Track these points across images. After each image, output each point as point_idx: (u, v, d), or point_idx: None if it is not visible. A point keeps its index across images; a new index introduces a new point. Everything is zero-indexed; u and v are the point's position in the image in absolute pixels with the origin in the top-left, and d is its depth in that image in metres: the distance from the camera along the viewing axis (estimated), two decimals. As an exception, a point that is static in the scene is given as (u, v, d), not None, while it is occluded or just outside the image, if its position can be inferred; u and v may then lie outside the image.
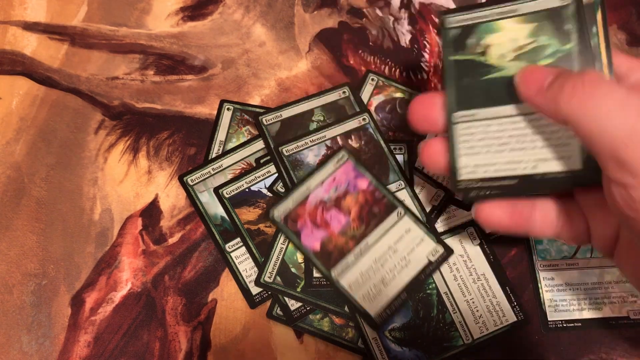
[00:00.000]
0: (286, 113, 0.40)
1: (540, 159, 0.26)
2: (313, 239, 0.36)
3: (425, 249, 0.36)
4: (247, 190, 0.38)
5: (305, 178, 0.37)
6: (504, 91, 0.27)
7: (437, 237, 0.36)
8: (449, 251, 0.36)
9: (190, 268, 0.37)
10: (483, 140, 0.28)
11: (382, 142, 0.39)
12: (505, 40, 0.28)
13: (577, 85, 0.22)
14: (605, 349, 0.35)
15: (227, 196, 0.38)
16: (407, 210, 0.36)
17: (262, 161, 0.39)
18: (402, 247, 0.36)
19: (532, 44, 0.27)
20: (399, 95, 0.41)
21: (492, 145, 0.28)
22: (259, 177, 0.38)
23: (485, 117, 0.28)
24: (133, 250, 0.38)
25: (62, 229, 0.38)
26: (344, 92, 0.40)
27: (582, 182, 0.26)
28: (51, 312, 0.36)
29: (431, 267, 0.35)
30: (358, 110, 0.40)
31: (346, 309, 0.35)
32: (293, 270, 0.36)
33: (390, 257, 0.35)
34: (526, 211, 0.27)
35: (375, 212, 0.36)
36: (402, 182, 0.38)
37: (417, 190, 0.38)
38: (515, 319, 0.35)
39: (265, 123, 0.39)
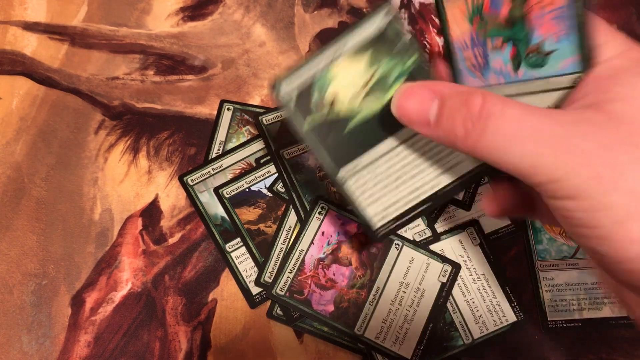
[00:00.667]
0: (286, 113, 0.40)
1: (438, 174, 0.26)
2: (325, 302, 0.35)
3: (434, 272, 0.35)
4: (247, 190, 0.38)
5: (294, 243, 0.36)
6: (374, 130, 0.26)
7: (441, 257, 0.36)
8: (457, 266, 0.36)
9: (191, 268, 0.37)
10: (378, 183, 0.27)
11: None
12: (347, 84, 0.25)
13: (467, 123, 0.20)
14: (605, 349, 0.35)
15: (227, 196, 0.38)
16: (403, 238, 0.36)
17: (262, 161, 0.39)
18: (412, 278, 0.35)
19: (377, 74, 0.25)
20: (399, 95, 0.41)
21: (389, 183, 0.27)
22: (259, 177, 0.38)
23: (368, 162, 0.27)
24: (133, 250, 0.38)
25: (62, 229, 0.38)
26: (344, 92, 0.40)
27: (486, 174, 0.26)
28: (51, 312, 0.36)
29: (446, 288, 0.35)
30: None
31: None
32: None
33: (404, 293, 0.35)
34: (519, 190, 0.27)
35: (374, 252, 0.36)
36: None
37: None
38: (515, 319, 0.35)
39: (265, 123, 0.39)
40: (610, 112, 0.19)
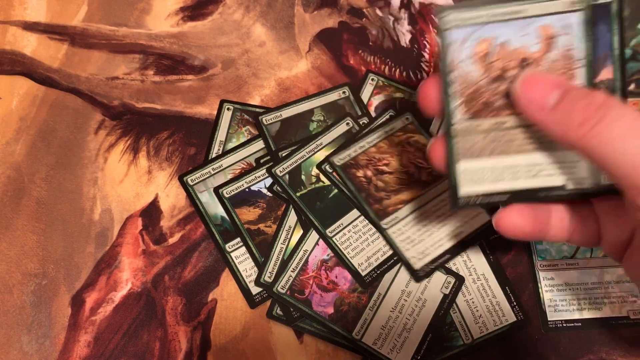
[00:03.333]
0: (286, 113, 0.40)
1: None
2: (325, 304, 0.35)
3: (437, 283, 0.35)
4: (247, 190, 0.38)
5: (299, 243, 0.36)
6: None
7: (445, 268, 0.36)
8: (460, 279, 0.35)
9: (190, 268, 0.37)
10: (359, 238, 0.36)
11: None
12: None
13: (587, 110, 0.20)
14: (605, 349, 0.35)
15: (227, 196, 0.38)
16: None
17: (262, 161, 0.39)
18: (414, 287, 0.35)
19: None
20: (399, 95, 0.41)
21: (368, 238, 0.35)
22: (259, 177, 0.38)
23: (348, 222, 0.36)
24: (133, 250, 0.38)
25: (62, 229, 0.38)
26: (344, 92, 0.40)
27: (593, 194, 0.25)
28: (51, 312, 0.36)
29: (448, 300, 0.35)
30: (358, 110, 0.40)
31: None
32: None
33: (405, 302, 0.35)
34: (544, 217, 0.26)
35: None
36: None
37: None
38: (515, 319, 0.35)
39: (265, 123, 0.39)
40: None
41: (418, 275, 0.35)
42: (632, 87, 0.24)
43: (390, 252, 0.35)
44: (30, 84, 0.42)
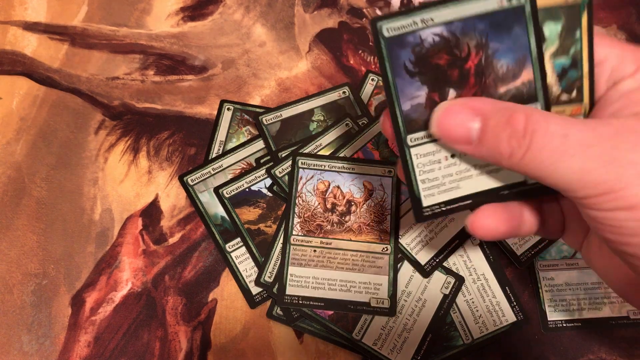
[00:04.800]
0: (286, 113, 0.40)
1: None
2: None
3: (436, 283, 0.35)
4: (247, 190, 0.38)
5: None
6: None
7: (445, 268, 0.36)
8: (460, 279, 0.35)
9: (191, 268, 0.37)
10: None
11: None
12: None
13: (512, 141, 0.20)
14: (605, 349, 0.35)
15: (227, 196, 0.38)
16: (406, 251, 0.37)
17: (262, 161, 0.39)
18: (414, 288, 0.35)
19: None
20: (399, 95, 0.41)
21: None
22: (259, 177, 0.38)
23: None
24: (133, 250, 0.38)
25: (62, 229, 0.38)
26: (344, 92, 0.40)
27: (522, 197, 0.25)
28: (51, 312, 0.36)
29: (447, 300, 0.35)
30: (358, 110, 0.40)
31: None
32: None
33: (405, 302, 0.35)
34: (518, 214, 0.26)
35: None
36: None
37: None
38: (515, 319, 0.35)
39: (265, 123, 0.39)
40: None
41: (425, 270, 0.35)
42: (574, 94, 0.24)
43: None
44: (31, 84, 0.42)
